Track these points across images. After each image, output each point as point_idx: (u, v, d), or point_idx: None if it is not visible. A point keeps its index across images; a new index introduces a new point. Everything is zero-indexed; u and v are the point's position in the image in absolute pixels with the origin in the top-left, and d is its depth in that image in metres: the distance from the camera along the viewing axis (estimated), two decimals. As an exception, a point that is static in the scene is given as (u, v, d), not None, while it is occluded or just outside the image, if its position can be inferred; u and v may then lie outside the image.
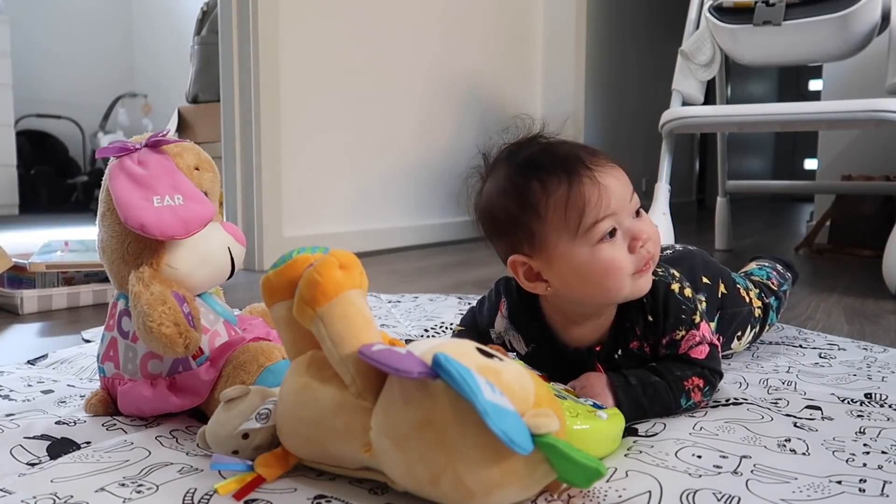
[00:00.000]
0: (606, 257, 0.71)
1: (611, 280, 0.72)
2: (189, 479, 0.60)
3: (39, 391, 0.86)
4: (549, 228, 0.72)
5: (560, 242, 0.72)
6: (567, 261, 0.72)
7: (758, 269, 1.12)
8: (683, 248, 0.99)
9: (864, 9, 1.64)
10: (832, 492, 0.58)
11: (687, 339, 0.76)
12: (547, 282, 0.74)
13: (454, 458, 0.49)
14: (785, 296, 1.08)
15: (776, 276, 1.10)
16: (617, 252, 0.72)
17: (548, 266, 0.73)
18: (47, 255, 1.49)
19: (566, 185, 0.71)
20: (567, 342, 0.80)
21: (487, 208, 0.77)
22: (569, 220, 0.71)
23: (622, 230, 0.72)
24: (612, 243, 0.71)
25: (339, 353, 0.55)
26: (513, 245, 0.75)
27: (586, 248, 0.71)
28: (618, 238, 0.72)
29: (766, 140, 7.49)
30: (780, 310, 1.06)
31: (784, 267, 1.14)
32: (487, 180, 0.78)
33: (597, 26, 3.49)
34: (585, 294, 0.74)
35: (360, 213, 2.48)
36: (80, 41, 5.10)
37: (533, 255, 0.74)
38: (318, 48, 2.26)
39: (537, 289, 0.75)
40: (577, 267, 0.72)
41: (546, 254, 0.73)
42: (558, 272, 0.73)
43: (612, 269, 0.71)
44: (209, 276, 0.78)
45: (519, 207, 0.73)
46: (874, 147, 2.67)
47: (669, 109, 1.85)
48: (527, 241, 0.73)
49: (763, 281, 1.06)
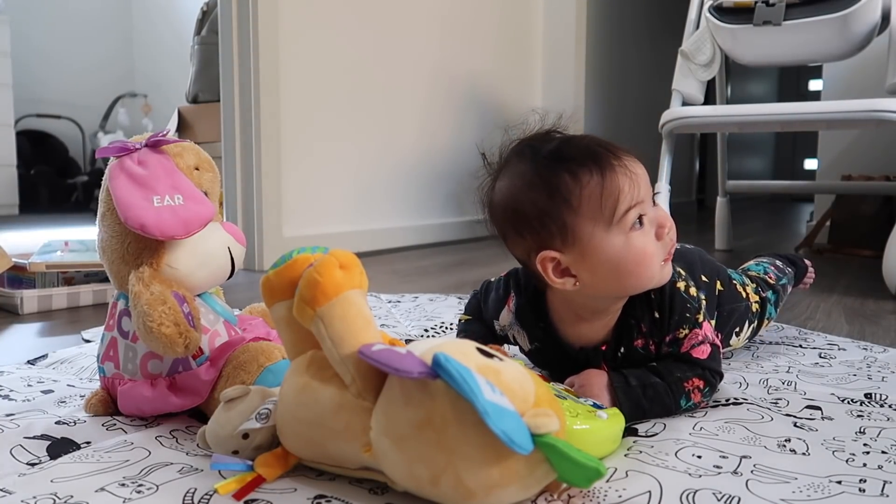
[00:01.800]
0: (640, 245, 0.72)
1: (643, 268, 0.72)
2: (189, 479, 0.60)
3: (39, 391, 0.86)
4: (583, 220, 0.71)
5: (595, 233, 0.71)
6: (601, 251, 0.71)
7: (755, 265, 1.11)
8: (681, 247, 0.99)
9: (864, 9, 1.64)
10: (832, 492, 0.58)
11: (689, 338, 0.76)
12: (575, 277, 0.73)
13: (454, 458, 0.50)
14: (784, 289, 1.08)
15: (774, 270, 1.09)
16: (647, 239, 0.72)
17: (580, 259, 0.72)
18: (47, 255, 1.49)
19: (599, 175, 0.71)
20: (572, 341, 0.80)
21: (510, 203, 0.75)
22: (604, 209, 0.70)
23: (648, 218, 0.73)
24: (642, 231, 0.72)
25: (339, 353, 0.55)
26: (541, 240, 0.73)
27: (621, 237, 0.71)
28: (646, 226, 0.73)
29: (766, 140, 7.48)
30: (778, 303, 1.06)
31: (785, 262, 1.14)
32: (502, 176, 0.77)
33: (597, 26, 3.49)
34: (616, 286, 0.74)
35: (360, 213, 2.48)
36: (80, 41, 5.10)
37: (564, 250, 0.73)
38: (318, 48, 2.26)
39: (566, 285, 0.74)
40: (610, 257, 0.71)
41: (580, 246, 0.72)
42: (591, 265, 0.72)
43: (645, 256, 0.72)
44: (209, 276, 0.78)
45: (549, 200, 0.72)
46: (874, 147, 2.67)
47: (669, 109, 1.84)
48: (559, 234, 0.72)
49: (760, 276, 1.06)
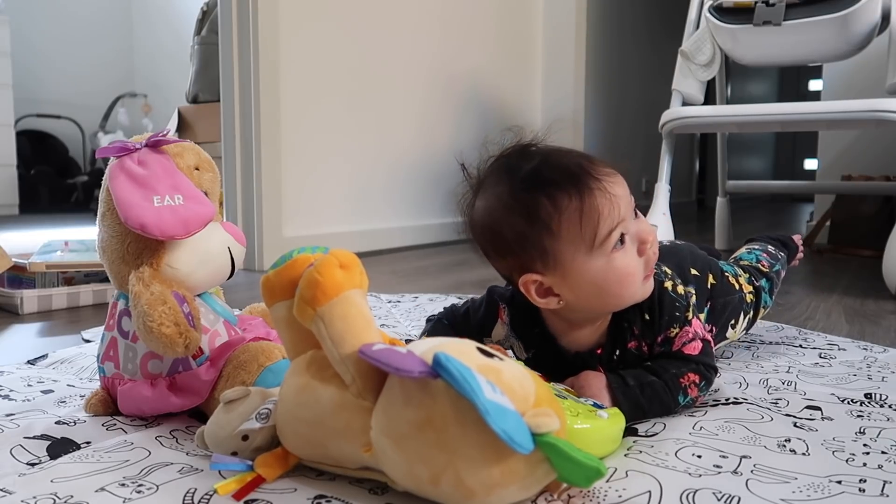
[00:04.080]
0: (622, 266, 0.71)
1: (625, 288, 0.72)
2: (189, 479, 0.60)
3: (39, 391, 0.86)
4: (563, 244, 0.70)
5: (576, 257, 0.71)
6: (583, 274, 0.71)
7: (746, 254, 1.10)
8: (671, 243, 0.98)
9: (864, 9, 1.64)
10: (832, 492, 0.58)
11: (680, 336, 0.76)
12: (559, 296, 0.73)
13: (454, 458, 0.49)
14: (778, 276, 1.06)
15: (766, 257, 1.08)
16: (629, 259, 0.72)
17: (562, 281, 0.72)
18: (47, 255, 1.49)
19: (577, 199, 0.69)
20: (567, 347, 0.80)
21: (489, 225, 0.74)
22: (584, 233, 0.70)
23: (629, 235, 0.72)
24: (623, 251, 0.71)
25: (339, 352, 0.55)
26: (522, 263, 0.73)
27: (602, 260, 0.71)
28: (627, 244, 0.72)
29: (766, 140, 7.49)
30: (773, 291, 1.04)
31: (777, 246, 1.12)
32: (480, 194, 0.75)
33: (597, 26, 3.49)
34: (599, 304, 0.74)
35: (360, 213, 2.48)
36: (80, 41, 5.10)
37: (546, 272, 0.72)
38: (318, 48, 2.27)
39: (550, 304, 0.74)
40: (592, 279, 0.71)
41: (561, 269, 0.71)
42: (573, 286, 0.72)
43: (626, 276, 0.72)
44: (209, 276, 0.78)
45: (528, 225, 0.71)
46: (874, 147, 2.67)
47: (669, 109, 1.85)
48: (539, 258, 0.71)
49: (752, 265, 1.05)
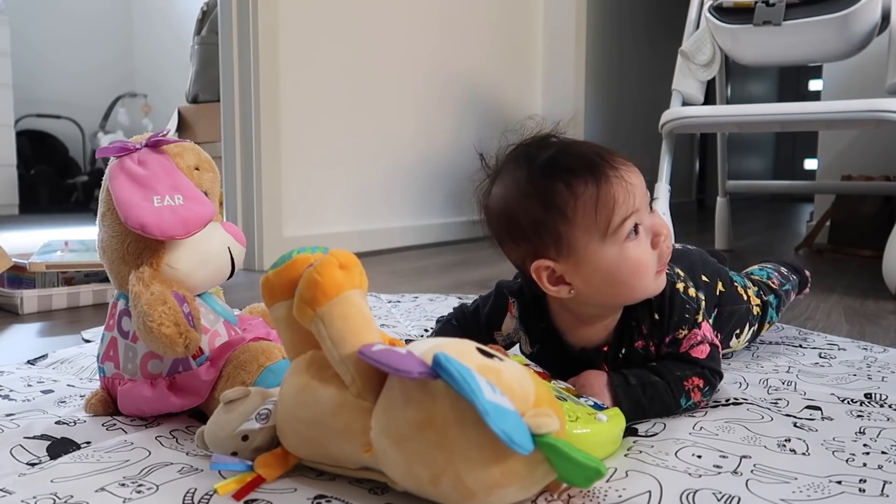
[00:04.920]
0: (634, 256, 0.71)
1: (637, 279, 0.72)
2: (189, 479, 0.60)
3: (39, 391, 0.86)
4: (578, 230, 0.71)
5: (590, 244, 0.71)
6: (596, 262, 0.71)
7: (759, 270, 1.11)
8: (682, 247, 0.99)
9: (864, 9, 1.64)
10: (832, 492, 0.58)
11: (689, 338, 0.76)
12: (570, 285, 0.73)
13: (454, 458, 0.49)
14: (787, 295, 1.07)
15: (778, 276, 1.09)
16: (642, 250, 0.72)
17: (575, 269, 0.72)
18: (47, 255, 1.49)
19: (594, 185, 0.70)
20: (573, 343, 0.80)
21: (505, 211, 0.74)
22: (599, 220, 0.70)
23: (644, 227, 0.72)
24: (637, 241, 0.72)
25: (339, 353, 0.55)
26: (535, 249, 0.73)
27: (615, 248, 0.71)
28: (641, 235, 0.72)
29: (766, 140, 7.48)
30: (780, 308, 1.05)
31: (790, 270, 1.13)
32: (498, 181, 0.76)
33: (597, 26, 3.49)
34: (610, 294, 0.74)
35: (360, 214, 2.48)
36: (80, 41, 5.10)
37: (559, 259, 0.72)
38: (318, 48, 2.26)
39: (560, 293, 0.74)
40: (605, 267, 0.71)
41: (574, 257, 0.72)
42: (585, 275, 0.72)
43: (639, 267, 0.72)
44: (209, 276, 0.78)
45: (544, 210, 0.71)
46: (874, 147, 2.67)
47: (669, 109, 1.84)
48: (553, 244, 0.72)
49: (763, 280, 1.06)
